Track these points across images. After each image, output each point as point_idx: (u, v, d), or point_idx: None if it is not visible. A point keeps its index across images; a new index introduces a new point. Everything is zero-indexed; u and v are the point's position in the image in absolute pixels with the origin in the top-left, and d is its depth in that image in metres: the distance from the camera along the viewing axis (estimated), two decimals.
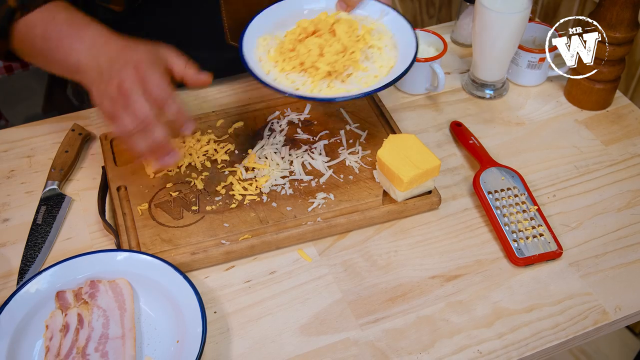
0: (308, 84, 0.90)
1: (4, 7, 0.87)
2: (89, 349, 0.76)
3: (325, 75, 0.90)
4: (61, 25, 0.87)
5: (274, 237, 0.88)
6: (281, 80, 0.91)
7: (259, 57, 0.94)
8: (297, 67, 0.91)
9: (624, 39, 1.02)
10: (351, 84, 0.90)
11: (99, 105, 0.82)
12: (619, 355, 1.77)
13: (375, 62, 0.93)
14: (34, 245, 0.89)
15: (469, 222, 0.94)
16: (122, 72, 0.80)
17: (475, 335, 0.81)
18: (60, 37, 0.86)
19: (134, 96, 0.79)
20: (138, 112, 0.79)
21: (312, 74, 0.91)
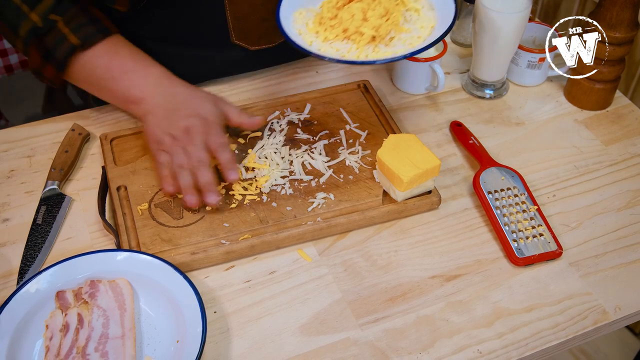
0: (353, 50, 0.91)
1: (67, 43, 0.93)
2: (89, 349, 0.76)
3: (370, 40, 0.91)
4: (125, 60, 0.97)
5: (274, 237, 0.88)
6: (326, 50, 0.92)
7: (298, 30, 0.94)
8: (340, 35, 0.92)
9: (624, 39, 1.02)
10: (397, 47, 0.91)
11: (153, 135, 0.93)
12: (619, 355, 1.77)
13: (415, 24, 0.94)
14: (34, 245, 0.89)
15: (469, 222, 0.94)
16: (191, 119, 0.92)
17: (475, 335, 0.81)
18: (124, 71, 0.96)
19: (197, 142, 0.91)
20: (194, 154, 0.91)
21: (356, 40, 0.91)
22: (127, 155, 0.99)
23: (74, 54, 0.94)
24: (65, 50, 0.94)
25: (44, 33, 0.94)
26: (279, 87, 1.14)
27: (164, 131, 0.92)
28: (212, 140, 0.92)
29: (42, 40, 0.94)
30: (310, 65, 1.18)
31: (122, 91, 0.96)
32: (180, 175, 0.91)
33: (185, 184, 0.90)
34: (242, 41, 1.09)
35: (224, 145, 0.93)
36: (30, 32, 0.94)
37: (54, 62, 0.95)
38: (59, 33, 0.93)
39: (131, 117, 1.07)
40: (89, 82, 0.98)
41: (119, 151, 0.99)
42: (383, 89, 1.14)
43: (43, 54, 0.94)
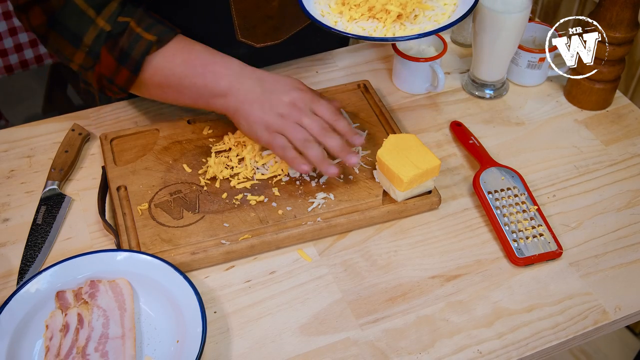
0: (380, 28, 0.91)
1: (143, 41, 0.90)
2: (89, 349, 0.76)
3: (395, 18, 0.91)
4: (203, 54, 0.93)
5: (274, 237, 0.88)
6: (352, 29, 0.92)
7: (321, 11, 0.95)
8: (366, 14, 0.93)
9: (624, 39, 1.02)
10: (423, 23, 0.92)
11: (260, 124, 0.89)
12: (619, 355, 1.77)
13: (438, 1, 0.95)
14: (34, 245, 0.89)
15: (469, 222, 0.94)
16: (292, 93, 0.90)
17: (475, 335, 0.81)
18: (205, 64, 0.92)
19: (307, 111, 0.89)
20: (312, 124, 0.88)
21: (382, 19, 0.92)
22: (127, 155, 0.99)
23: (151, 51, 0.91)
24: (143, 48, 0.90)
25: (116, 35, 0.91)
26: None
27: (270, 113, 0.89)
28: (320, 110, 0.89)
29: (115, 42, 0.91)
30: (310, 65, 1.18)
31: (209, 85, 0.92)
32: (309, 149, 0.88)
33: (319, 156, 0.88)
34: (247, 39, 1.09)
35: (335, 111, 0.90)
36: (99, 37, 0.91)
37: (130, 64, 0.91)
38: (132, 33, 0.91)
39: (131, 117, 1.07)
40: (167, 83, 0.93)
41: (119, 151, 0.99)
42: (383, 89, 1.14)
43: (117, 56, 0.91)
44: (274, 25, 1.08)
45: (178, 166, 0.97)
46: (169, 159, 0.98)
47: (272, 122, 0.89)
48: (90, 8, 0.90)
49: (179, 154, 0.98)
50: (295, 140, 0.88)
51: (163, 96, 0.97)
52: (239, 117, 0.91)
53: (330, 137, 0.89)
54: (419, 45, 1.15)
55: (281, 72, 1.16)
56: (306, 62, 1.19)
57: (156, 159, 0.97)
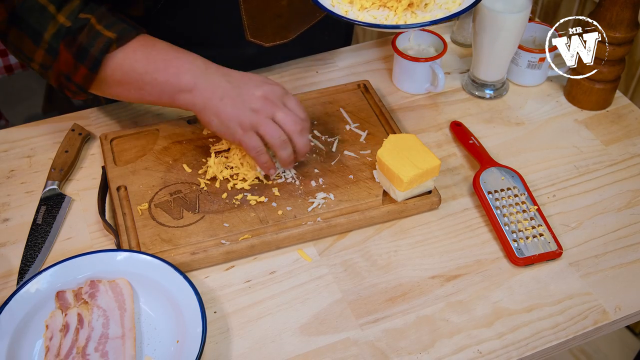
0: (391, 17, 0.92)
1: (102, 38, 0.87)
2: (89, 349, 0.76)
3: (406, 7, 0.92)
4: (166, 50, 0.90)
5: (274, 237, 0.88)
6: (363, 18, 0.92)
7: (332, 1, 0.95)
8: (377, 3, 0.93)
9: (624, 39, 1.02)
10: (434, 11, 0.92)
11: (231, 120, 0.86)
12: (619, 355, 1.77)
13: None
14: (34, 245, 0.89)
15: (469, 222, 0.94)
16: (263, 86, 0.87)
17: (475, 335, 0.81)
18: (167, 59, 0.89)
19: (280, 105, 0.86)
20: (287, 119, 0.86)
21: (393, 7, 0.92)
22: (127, 155, 0.98)
23: (110, 49, 0.88)
24: (102, 45, 0.87)
25: (76, 31, 0.88)
26: None
27: (242, 108, 0.86)
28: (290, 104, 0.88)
29: (74, 38, 0.88)
30: (310, 65, 1.18)
31: (171, 80, 0.88)
32: (283, 150, 0.87)
33: (289, 157, 0.88)
34: (257, 38, 1.09)
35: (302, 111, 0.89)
36: (58, 33, 0.88)
37: (88, 61, 0.88)
38: (92, 29, 0.88)
39: (131, 117, 1.07)
40: (127, 80, 0.90)
41: (119, 151, 0.99)
42: (383, 89, 1.14)
43: (75, 53, 0.88)
44: (283, 24, 1.08)
45: (178, 166, 0.97)
46: (169, 159, 0.98)
47: (245, 118, 0.86)
48: (51, 4, 0.88)
49: (179, 154, 0.98)
50: (269, 138, 0.86)
51: (124, 94, 0.93)
52: (208, 113, 0.88)
53: (302, 136, 0.88)
54: (419, 45, 1.15)
55: (281, 72, 1.16)
56: (306, 62, 1.19)
57: (156, 159, 0.97)
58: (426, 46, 1.15)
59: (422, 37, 1.15)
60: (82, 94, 0.93)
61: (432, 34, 1.14)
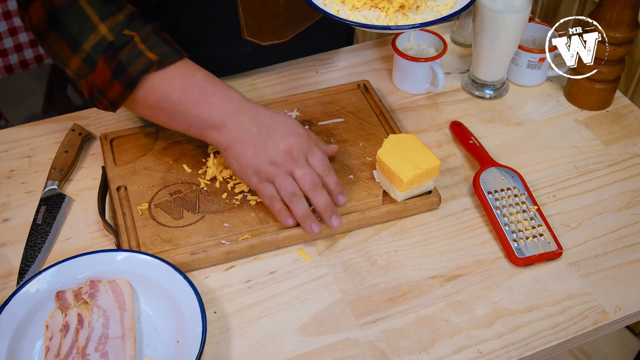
0: (382, 18, 0.92)
1: (144, 59, 0.85)
2: (89, 349, 0.76)
3: (398, 8, 0.92)
4: (204, 82, 0.88)
5: (274, 237, 0.88)
6: (354, 18, 0.92)
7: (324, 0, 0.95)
8: (368, 3, 0.93)
9: (624, 39, 1.02)
10: (425, 14, 0.93)
11: (248, 167, 0.86)
12: (619, 355, 1.77)
13: None
14: (34, 245, 0.89)
15: (469, 222, 0.94)
16: (289, 139, 0.86)
17: (475, 335, 0.81)
18: (204, 93, 0.87)
19: (302, 162, 0.86)
20: (305, 177, 0.86)
21: (384, 8, 0.92)
22: (127, 155, 0.99)
23: (150, 71, 0.85)
24: (142, 66, 0.85)
25: (118, 47, 0.86)
26: (279, 87, 1.14)
27: (263, 159, 0.85)
28: (314, 161, 0.87)
29: (115, 54, 0.86)
30: (310, 65, 1.18)
31: (203, 116, 0.87)
32: (296, 205, 0.86)
33: (304, 212, 0.86)
34: (253, 37, 1.09)
35: (327, 166, 0.88)
36: (99, 45, 0.86)
37: (124, 79, 0.86)
38: (134, 48, 0.85)
39: (131, 117, 1.07)
40: (160, 106, 0.88)
41: (119, 151, 0.99)
42: (383, 89, 1.14)
43: (114, 69, 0.85)
44: (280, 24, 1.08)
45: (178, 166, 0.97)
46: (169, 159, 0.98)
47: (263, 169, 0.86)
48: (96, 14, 0.86)
49: (179, 154, 0.98)
50: (283, 192, 0.86)
51: (155, 118, 0.91)
52: (230, 155, 0.88)
53: (318, 194, 0.86)
54: (419, 45, 1.15)
55: (281, 72, 1.16)
56: (306, 62, 1.19)
57: (156, 159, 0.97)
58: (426, 46, 1.15)
59: (422, 37, 1.15)
60: (111, 109, 0.91)
61: (432, 34, 1.14)
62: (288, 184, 0.86)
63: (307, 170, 0.86)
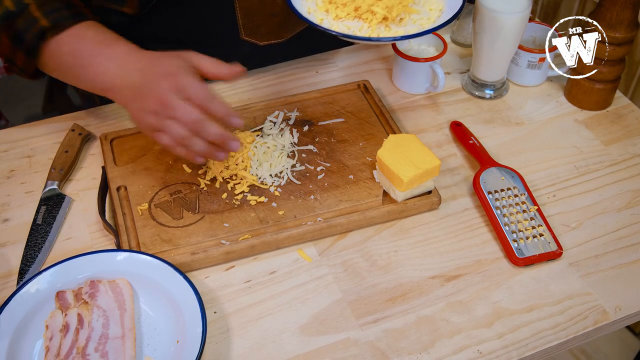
0: (365, 28, 0.92)
1: (37, 26, 0.88)
2: (89, 349, 0.76)
3: (381, 20, 0.93)
4: (90, 44, 0.89)
5: (274, 237, 0.88)
6: (337, 28, 0.93)
7: (308, 8, 0.95)
8: (352, 14, 0.94)
9: (624, 39, 1.02)
10: (408, 26, 0.93)
11: (141, 122, 0.86)
12: (619, 355, 1.77)
13: (424, 6, 0.97)
14: (34, 245, 0.89)
15: (469, 222, 0.94)
16: (158, 84, 0.83)
17: (475, 335, 0.81)
18: (90, 55, 0.88)
19: (177, 104, 0.82)
20: (185, 117, 0.82)
21: (367, 19, 0.93)
22: (127, 155, 0.98)
23: (45, 38, 0.88)
24: (35, 33, 0.88)
25: (15, 15, 0.89)
26: (279, 87, 1.14)
27: (144, 112, 0.85)
28: (192, 95, 0.83)
29: (13, 22, 0.89)
30: (310, 65, 1.18)
31: (92, 79, 0.89)
32: (192, 145, 0.84)
33: (202, 149, 0.84)
34: (251, 37, 1.09)
35: (207, 95, 0.83)
36: (2, 16, 0.89)
37: (24, 47, 0.89)
38: (29, 16, 0.88)
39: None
40: (62, 70, 0.92)
41: (119, 151, 0.99)
42: (383, 89, 1.14)
43: (12, 37, 0.90)
44: (277, 24, 1.08)
45: (178, 166, 0.97)
46: (169, 159, 0.98)
47: (149, 121, 0.85)
48: None
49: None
50: (174, 138, 0.84)
51: (67, 81, 0.95)
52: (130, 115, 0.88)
53: (205, 129, 0.83)
54: (419, 45, 1.15)
55: (281, 72, 1.16)
56: (306, 62, 1.19)
57: (156, 159, 0.97)
58: (426, 46, 1.15)
59: (421, 37, 1.14)
60: (25, 76, 0.94)
61: (432, 34, 1.14)
62: (174, 130, 0.83)
63: (185, 110, 0.82)
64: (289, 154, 0.98)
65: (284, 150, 0.98)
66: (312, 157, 0.98)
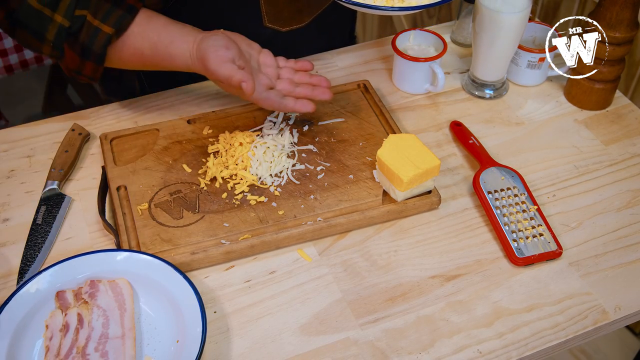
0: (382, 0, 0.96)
1: (102, 35, 0.92)
2: (88, 349, 0.76)
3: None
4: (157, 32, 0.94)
5: (273, 237, 0.88)
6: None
7: None
8: None
9: (623, 38, 1.02)
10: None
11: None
12: (619, 355, 1.77)
13: None
14: (34, 245, 0.89)
15: (468, 222, 0.94)
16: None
17: (475, 335, 0.81)
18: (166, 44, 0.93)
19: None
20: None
21: None
22: (127, 155, 0.99)
23: (112, 42, 0.92)
24: (102, 41, 0.92)
25: (76, 31, 0.92)
26: None
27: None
28: None
29: (76, 38, 0.92)
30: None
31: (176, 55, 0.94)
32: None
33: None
34: (274, 24, 1.10)
35: None
36: (59, 34, 0.92)
37: (93, 57, 0.93)
38: (90, 27, 0.91)
39: (131, 117, 1.07)
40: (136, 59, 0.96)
41: (119, 151, 0.99)
42: (383, 89, 1.14)
43: (80, 52, 0.93)
44: (298, 8, 1.09)
45: (178, 166, 0.97)
46: (169, 159, 0.98)
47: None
48: (45, 7, 0.91)
49: (179, 154, 0.98)
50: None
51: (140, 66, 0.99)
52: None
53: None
54: (419, 45, 1.15)
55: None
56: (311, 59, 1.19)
57: (156, 159, 0.98)
58: (426, 46, 1.15)
59: (422, 37, 1.15)
60: (93, 82, 0.98)
61: (432, 34, 1.14)
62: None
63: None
64: (288, 154, 0.98)
65: (283, 150, 0.98)
66: (312, 157, 0.98)
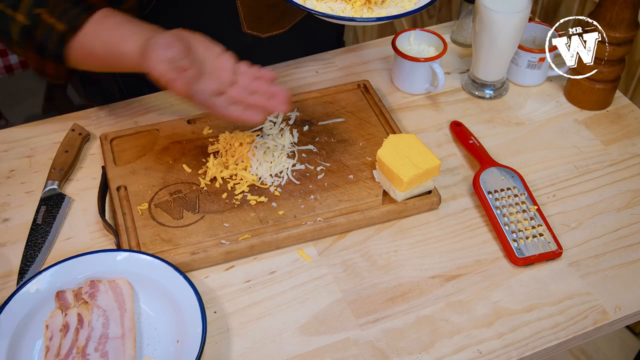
0: (348, 10, 0.94)
1: (55, 32, 0.91)
2: (88, 349, 0.76)
3: (364, 2, 0.94)
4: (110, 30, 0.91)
5: (273, 237, 0.88)
6: (320, 8, 0.94)
7: None
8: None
9: (624, 39, 1.02)
10: (390, 8, 0.95)
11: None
12: (619, 355, 1.77)
13: None
14: (34, 245, 0.89)
15: (468, 222, 0.94)
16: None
17: (475, 335, 0.81)
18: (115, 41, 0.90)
19: None
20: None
21: (350, 1, 0.94)
22: (127, 155, 0.98)
23: (66, 41, 0.91)
24: (56, 40, 0.91)
25: (33, 29, 0.91)
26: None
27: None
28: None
29: (33, 37, 0.91)
30: (310, 65, 1.18)
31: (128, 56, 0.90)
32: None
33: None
34: (253, 30, 1.09)
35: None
36: (21, 32, 0.92)
37: (49, 55, 0.92)
38: (45, 25, 0.91)
39: (131, 117, 1.07)
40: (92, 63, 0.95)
41: (119, 151, 0.99)
42: (383, 89, 1.14)
43: (36, 50, 0.92)
44: (278, 14, 1.09)
45: (178, 166, 0.97)
46: (169, 159, 0.98)
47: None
48: (7, 7, 0.91)
49: (179, 154, 0.98)
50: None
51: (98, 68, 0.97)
52: None
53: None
54: (419, 45, 1.15)
55: (281, 73, 1.16)
56: (306, 62, 1.19)
57: (156, 159, 0.98)
58: (426, 46, 1.15)
59: (422, 37, 1.15)
60: (59, 81, 0.98)
61: (432, 34, 1.14)
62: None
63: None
64: (288, 154, 0.98)
65: (283, 150, 0.98)
66: (312, 157, 0.98)
